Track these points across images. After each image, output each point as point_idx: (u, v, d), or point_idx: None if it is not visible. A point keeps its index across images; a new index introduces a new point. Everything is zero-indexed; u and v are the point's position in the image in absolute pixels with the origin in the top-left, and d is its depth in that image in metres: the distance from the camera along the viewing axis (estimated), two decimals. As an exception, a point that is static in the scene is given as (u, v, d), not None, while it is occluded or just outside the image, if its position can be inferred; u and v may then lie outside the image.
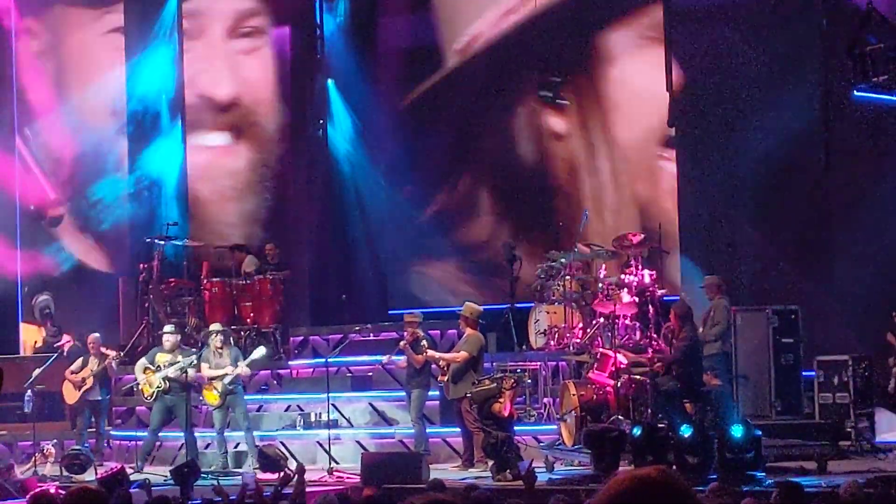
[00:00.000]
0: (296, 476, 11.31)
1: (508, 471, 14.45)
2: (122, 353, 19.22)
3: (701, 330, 16.03)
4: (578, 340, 17.36)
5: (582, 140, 20.82)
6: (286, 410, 18.86)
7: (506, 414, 15.04)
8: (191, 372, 17.36)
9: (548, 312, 18.16)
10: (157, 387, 17.39)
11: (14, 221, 22.18)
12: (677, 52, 19.34)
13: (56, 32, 22.74)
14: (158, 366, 17.51)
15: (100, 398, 18.25)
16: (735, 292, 17.40)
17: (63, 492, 9.28)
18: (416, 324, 16.80)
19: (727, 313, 16.41)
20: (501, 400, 15.01)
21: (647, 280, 17.15)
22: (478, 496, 8.72)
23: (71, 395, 18.27)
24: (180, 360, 17.40)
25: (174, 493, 12.57)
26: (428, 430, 16.93)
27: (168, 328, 18.12)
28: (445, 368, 16.35)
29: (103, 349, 18.41)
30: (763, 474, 13.25)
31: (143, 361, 17.73)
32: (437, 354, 16.60)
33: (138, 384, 17.63)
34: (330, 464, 16.34)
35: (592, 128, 20.68)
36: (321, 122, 22.91)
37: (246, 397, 17.91)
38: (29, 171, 22.42)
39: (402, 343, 16.65)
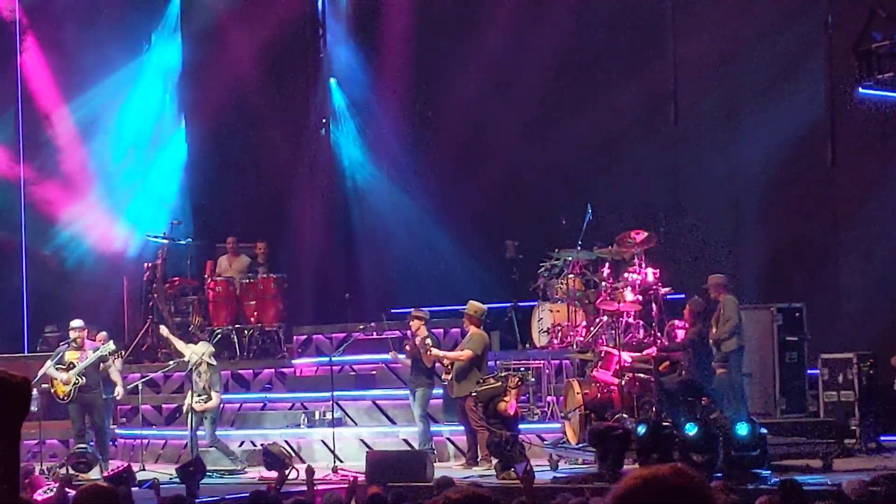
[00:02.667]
0: (295, 473, 11.35)
1: (513, 469, 14.44)
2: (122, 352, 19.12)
3: (713, 331, 16.02)
4: (582, 339, 17.34)
5: (584, 138, 20.79)
6: (290, 409, 18.88)
7: (511, 412, 15.04)
8: (117, 363, 17.13)
9: (551, 311, 18.15)
10: (74, 383, 16.94)
11: (18, 219, 22.19)
12: (683, 48, 19.32)
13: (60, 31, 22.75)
14: (70, 363, 17.03)
15: (104, 397, 18.05)
16: (740, 290, 17.38)
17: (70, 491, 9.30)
18: (423, 320, 16.78)
19: (737, 308, 16.38)
20: (506, 398, 15.01)
21: (650, 278, 17.12)
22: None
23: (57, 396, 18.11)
24: (91, 355, 16.99)
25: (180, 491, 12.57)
26: (431, 429, 16.93)
27: (75, 323, 17.41)
28: (449, 367, 16.35)
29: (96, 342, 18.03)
30: (768, 472, 13.24)
31: (50, 363, 17.20)
32: (442, 353, 16.60)
33: (52, 386, 17.05)
34: (334, 462, 16.35)
35: (595, 126, 20.65)
36: (324, 120, 22.90)
37: (248, 395, 17.84)
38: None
39: (408, 346, 16.61)
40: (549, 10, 20.97)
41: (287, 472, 13.00)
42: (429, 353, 16.44)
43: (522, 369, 16.98)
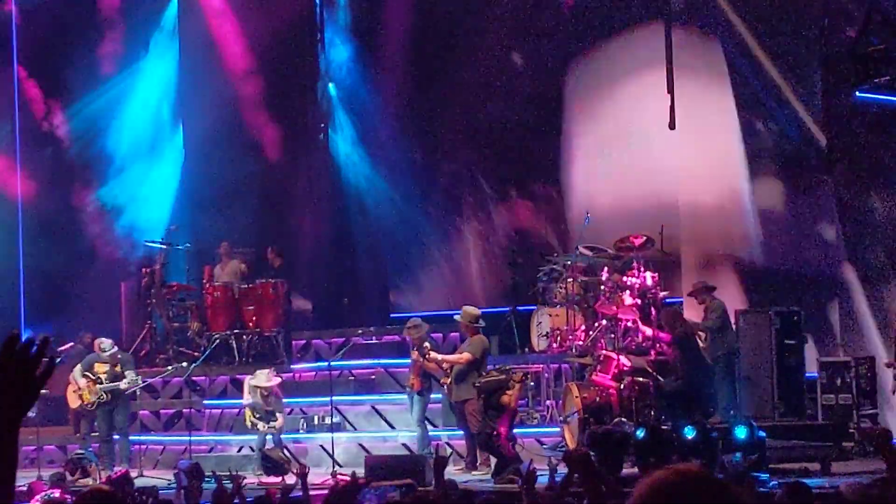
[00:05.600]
0: (298, 479, 11.33)
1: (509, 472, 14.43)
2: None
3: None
4: (581, 343, 17.35)
5: (584, 142, 20.80)
6: (289, 414, 18.84)
7: (514, 406, 15.05)
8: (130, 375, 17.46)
9: (550, 315, 18.14)
10: (100, 398, 17.36)
11: (16, 220, 22.21)
12: (679, 52, 19.32)
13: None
14: (98, 377, 17.45)
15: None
16: (738, 294, 17.40)
17: (69, 496, 9.28)
18: (419, 329, 16.78)
19: (721, 310, 16.38)
20: (510, 392, 14.99)
21: (648, 282, 17.14)
22: (483, 501, 8.70)
23: (73, 400, 18.25)
24: (123, 373, 17.40)
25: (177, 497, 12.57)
26: (430, 433, 16.93)
27: (107, 343, 17.86)
28: (448, 371, 16.33)
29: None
30: (767, 476, 13.25)
31: (79, 368, 17.60)
32: (441, 356, 16.57)
33: (76, 390, 17.50)
34: (333, 467, 16.35)
35: (596, 130, 20.67)
36: (323, 126, 22.92)
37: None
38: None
39: (415, 355, 16.58)
40: (549, 12, 20.97)
41: (296, 476, 12.98)
42: (428, 356, 16.42)
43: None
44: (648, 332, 16.13)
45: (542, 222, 20.88)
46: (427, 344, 16.56)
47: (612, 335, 16.61)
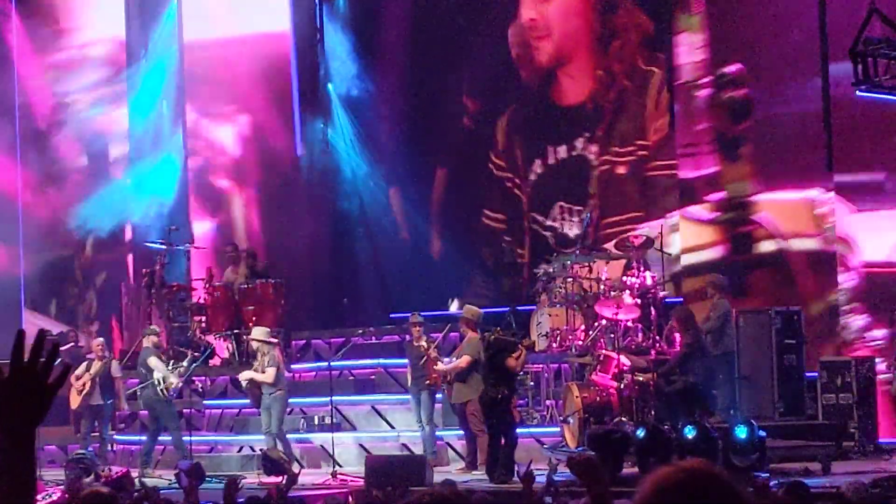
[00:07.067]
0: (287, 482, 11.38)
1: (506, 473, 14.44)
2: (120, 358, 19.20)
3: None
4: (580, 342, 17.34)
5: (584, 144, 20.83)
6: (289, 414, 18.83)
7: (519, 371, 15.07)
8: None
9: (550, 315, 18.14)
10: (185, 379, 17.68)
11: (17, 223, 22.22)
12: (677, 53, 19.35)
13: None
14: (178, 366, 17.67)
15: (101, 403, 18.17)
16: (737, 293, 17.41)
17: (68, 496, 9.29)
18: (421, 325, 16.78)
19: (724, 310, 16.37)
20: (516, 355, 14.98)
21: (648, 282, 17.14)
22: (478, 499, 8.70)
23: (74, 400, 18.27)
24: (172, 362, 17.67)
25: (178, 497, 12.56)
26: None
27: (155, 328, 18.26)
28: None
29: (106, 353, 18.41)
30: (767, 475, 13.24)
31: (155, 359, 17.75)
32: (445, 368, 16.48)
33: (163, 383, 17.53)
34: (333, 467, 16.34)
35: (594, 134, 20.69)
36: (322, 126, 22.93)
37: (247, 400, 17.89)
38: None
39: (430, 353, 16.56)
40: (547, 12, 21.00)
41: (296, 476, 12.98)
42: (435, 366, 16.40)
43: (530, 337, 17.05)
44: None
45: (541, 221, 20.87)
46: (433, 352, 16.54)
47: (612, 335, 16.61)
